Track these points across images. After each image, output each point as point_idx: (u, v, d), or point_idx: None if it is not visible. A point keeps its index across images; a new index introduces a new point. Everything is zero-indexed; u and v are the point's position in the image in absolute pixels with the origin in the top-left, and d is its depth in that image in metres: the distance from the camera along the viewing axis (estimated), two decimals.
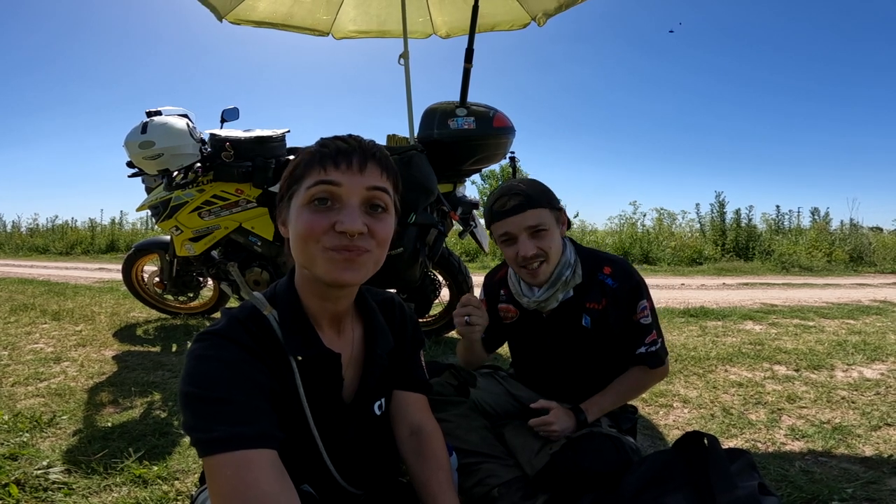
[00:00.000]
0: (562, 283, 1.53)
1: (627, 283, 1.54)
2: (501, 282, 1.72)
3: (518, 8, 3.49)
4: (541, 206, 1.48)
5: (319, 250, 0.90)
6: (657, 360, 1.57)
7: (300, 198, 0.92)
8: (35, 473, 1.62)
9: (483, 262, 8.43)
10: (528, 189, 1.49)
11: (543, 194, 1.51)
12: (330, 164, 0.91)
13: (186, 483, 1.61)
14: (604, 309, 1.54)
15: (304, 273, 0.98)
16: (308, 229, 0.90)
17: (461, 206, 3.03)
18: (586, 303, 1.56)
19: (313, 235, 0.90)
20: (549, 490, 1.33)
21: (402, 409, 1.16)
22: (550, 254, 1.49)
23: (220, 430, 0.80)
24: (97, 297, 5.04)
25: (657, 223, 10.34)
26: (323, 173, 0.91)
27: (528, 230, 1.46)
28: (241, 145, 3.06)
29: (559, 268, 1.53)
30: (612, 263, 1.58)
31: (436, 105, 2.90)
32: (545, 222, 1.47)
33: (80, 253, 12.45)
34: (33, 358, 2.97)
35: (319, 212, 0.90)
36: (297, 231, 0.91)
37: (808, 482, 1.61)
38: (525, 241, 1.47)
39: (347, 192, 0.90)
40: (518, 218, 1.46)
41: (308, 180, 0.92)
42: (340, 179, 0.90)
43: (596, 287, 1.55)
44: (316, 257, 0.91)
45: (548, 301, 1.55)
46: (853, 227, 10.01)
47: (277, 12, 3.51)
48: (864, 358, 2.96)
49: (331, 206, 0.91)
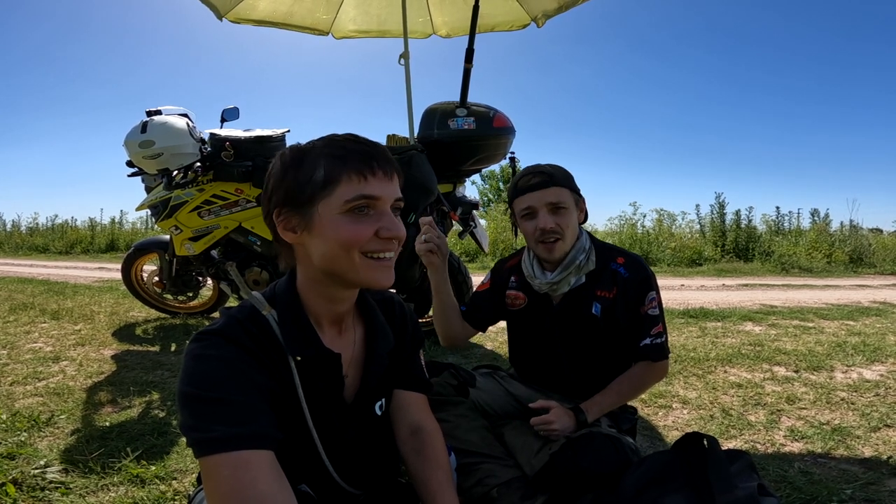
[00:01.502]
0: (575, 267, 1.56)
1: (639, 274, 1.57)
2: (513, 269, 1.74)
3: (518, 8, 3.49)
4: (563, 185, 1.55)
5: (361, 257, 0.92)
6: (661, 352, 1.56)
7: (334, 206, 0.90)
8: (32, 473, 1.62)
9: (483, 263, 8.43)
10: (552, 169, 1.58)
11: (566, 177, 1.59)
12: (367, 171, 0.91)
13: (184, 483, 1.61)
14: (614, 298, 1.56)
15: (318, 277, 0.96)
16: (354, 238, 0.90)
17: (461, 207, 3.03)
18: (597, 290, 1.58)
19: (357, 243, 0.91)
20: (549, 490, 1.33)
21: (403, 409, 1.16)
22: (567, 233, 1.54)
23: (218, 430, 0.80)
24: (96, 297, 5.04)
25: (657, 224, 10.32)
26: (363, 183, 0.91)
27: (549, 206, 1.53)
28: (240, 145, 3.06)
29: (574, 251, 1.57)
30: (626, 255, 1.61)
31: (436, 105, 2.90)
32: (565, 201, 1.54)
33: (80, 252, 12.45)
34: (32, 357, 2.97)
35: (361, 219, 0.91)
36: (341, 239, 0.90)
37: (807, 483, 1.61)
38: (545, 216, 1.53)
39: (384, 201, 0.93)
40: (540, 193, 1.54)
41: (345, 188, 0.90)
42: (378, 192, 0.92)
43: (608, 275, 1.58)
44: (357, 264, 0.92)
45: (559, 284, 1.58)
46: (853, 229, 10.01)
47: (277, 11, 3.50)
48: (863, 359, 2.95)
49: (367, 212, 0.92)
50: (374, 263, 0.93)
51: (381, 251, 0.93)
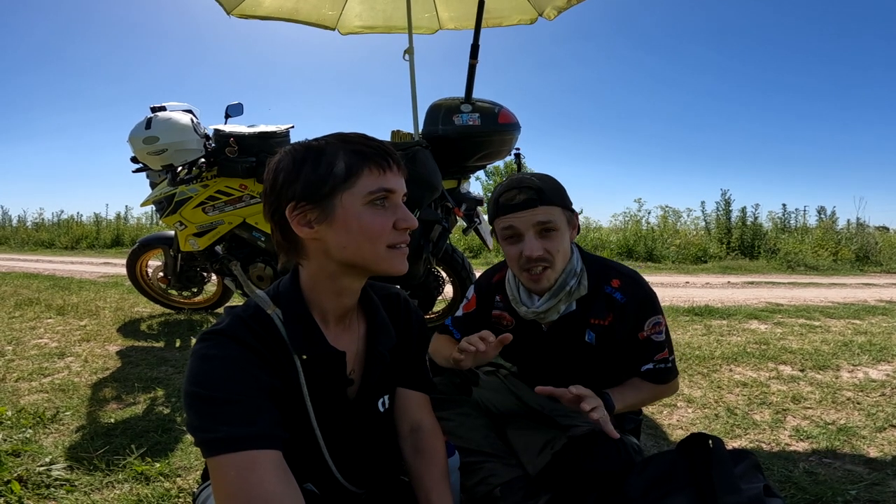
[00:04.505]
0: (565, 294, 1.41)
1: (637, 298, 1.42)
2: (498, 286, 1.58)
3: (525, 3, 3.47)
4: (553, 203, 1.35)
5: (383, 247, 0.96)
6: (665, 376, 1.46)
7: (357, 197, 0.93)
8: (38, 470, 1.63)
9: (486, 259, 8.41)
10: (540, 184, 1.36)
11: (557, 192, 1.39)
12: (385, 165, 0.95)
13: (188, 480, 1.62)
14: (609, 325, 1.43)
15: (333, 270, 0.97)
16: (379, 229, 0.95)
17: (465, 203, 3.02)
18: (591, 318, 1.44)
19: (382, 234, 0.95)
20: (552, 490, 1.32)
21: (405, 407, 1.16)
22: (557, 259, 1.36)
23: (224, 430, 0.80)
24: (102, 292, 5.06)
25: (662, 221, 10.28)
26: (382, 176, 0.95)
27: (537, 228, 1.34)
28: (245, 141, 3.05)
29: (563, 276, 1.41)
30: (622, 276, 1.45)
31: (441, 101, 2.89)
32: (556, 222, 1.35)
33: (86, 247, 12.49)
34: (37, 353, 2.99)
35: (382, 211, 0.96)
36: (366, 230, 0.94)
37: (811, 483, 1.60)
38: (532, 240, 1.34)
39: (397, 195, 0.98)
40: (527, 214, 1.34)
41: (366, 181, 0.93)
42: (394, 185, 0.96)
43: (602, 301, 1.43)
44: (380, 253, 0.96)
45: (548, 313, 1.43)
46: (859, 227, 9.94)
47: (283, 8, 3.50)
48: (869, 358, 2.94)
49: (384, 205, 0.96)
50: (395, 252, 0.98)
51: (401, 242, 0.98)
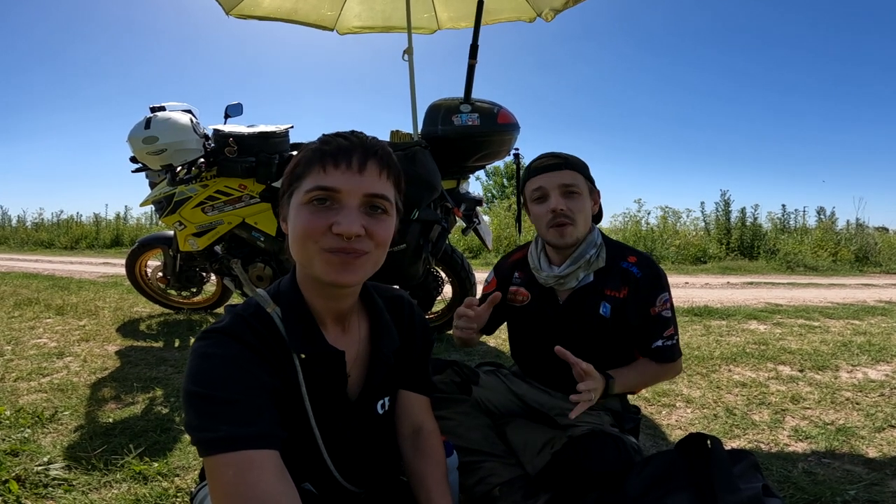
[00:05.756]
0: (584, 262, 1.52)
1: (651, 273, 1.52)
2: (516, 264, 1.69)
3: (524, 3, 3.48)
4: (577, 170, 1.53)
5: (317, 251, 0.90)
6: (672, 354, 1.53)
7: (299, 197, 0.91)
8: (36, 470, 1.62)
9: (486, 259, 8.42)
10: (567, 155, 1.56)
11: (581, 164, 1.57)
12: (330, 163, 0.90)
13: (186, 480, 1.61)
14: (624, 298, 1.51)
15: (304, 271, 0.97)
16: (306, 230, 0.89)
17: (465, 203, 3.02)
18: (606, 289, 1.53)
19: (311, 236, 0.89)
20: (551, 489, 1.32)
21: (407, 409, 1.16)
22: (578, 219, 1.50)
23: (223, 429, 0.80)
24: (101, 292, 5.06)
25: (661, 221, 10.28)
26: (322, 174, 0.90)
27: (561, 188, 1.50)
28: (244, 141, 3.05)
29: (585, 244, 1.53)
30: (638, 254, 1.57)
31: (440, 101, 2.89)
32: (579, 185, 1.51)
33: (85, 247, 12.49)
34: (36, 353, 2.98)
35: (318, 212, 0.89)
36: (296, 230, 0.91)
37: (810, 484, 1.60)
38: (557, 197, 1.50)
39: (346, 195, 0.89)
40: (554, 175, 1.51)
41: (308, 180, 0.91)
42: (338, 184, 0.89)
43: (618, 274, 1.53)
44: (313, 257, 0.91)
45: (567, 278, 1.53)
46: (859, 227, 9.93)
47: (282, 8, 3.51)
48: (868, 359, 2.94)
49: (329, 205, 0.90)
50: (332, 258, 0.89)
51: (341, 248, 0.89)
